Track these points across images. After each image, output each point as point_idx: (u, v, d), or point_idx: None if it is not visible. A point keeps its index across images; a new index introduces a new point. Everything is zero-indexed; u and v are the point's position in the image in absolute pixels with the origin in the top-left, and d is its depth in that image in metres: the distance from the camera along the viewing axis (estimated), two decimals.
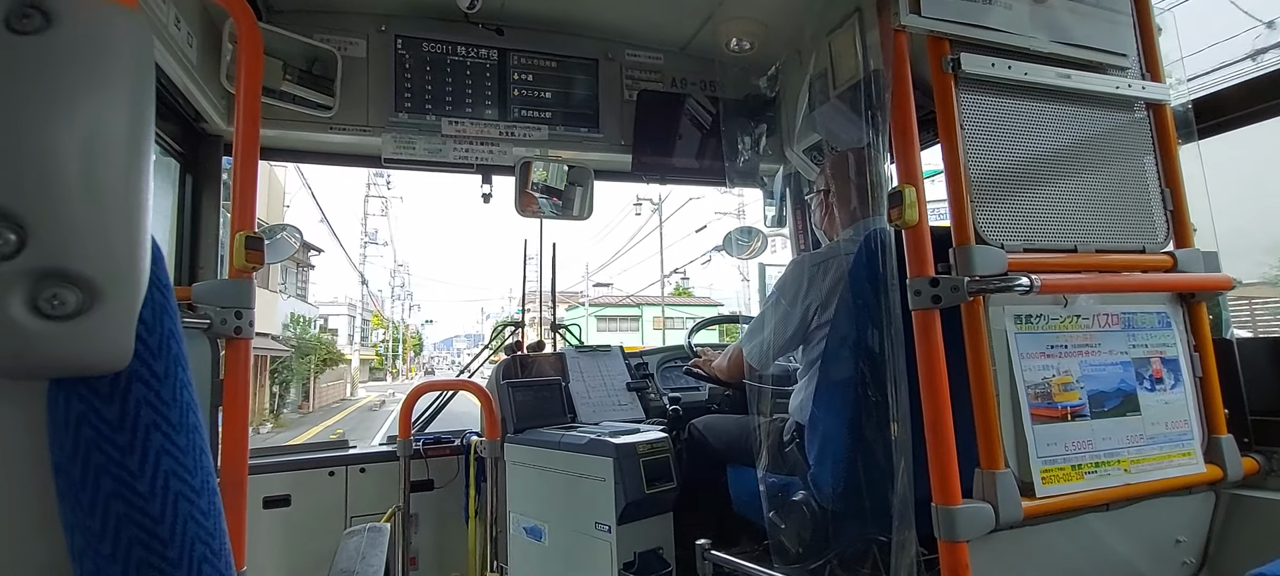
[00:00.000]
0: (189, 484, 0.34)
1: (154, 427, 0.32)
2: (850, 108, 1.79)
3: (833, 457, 1.40)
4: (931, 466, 1.06)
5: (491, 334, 2.56)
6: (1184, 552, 1.32)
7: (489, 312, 55.80)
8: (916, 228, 1.10)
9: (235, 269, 1.11)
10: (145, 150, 0.32)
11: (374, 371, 41.63)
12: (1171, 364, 1.28)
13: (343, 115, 1.98)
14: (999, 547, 1.10)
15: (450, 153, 2.10)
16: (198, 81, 1.63)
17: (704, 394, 2.32)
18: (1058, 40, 1.28)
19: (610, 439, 1.57)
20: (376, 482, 2.06)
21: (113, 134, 0.30)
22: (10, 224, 0.27)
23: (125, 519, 0.31)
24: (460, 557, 2.08)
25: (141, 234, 0.32)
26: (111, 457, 0.31)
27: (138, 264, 0.32)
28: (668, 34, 2.31)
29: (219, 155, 1.91)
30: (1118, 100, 1.34)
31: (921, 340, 1.08)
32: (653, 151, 2.32)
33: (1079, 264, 1.23)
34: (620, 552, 1.50)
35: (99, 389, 0.31)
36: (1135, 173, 1.34)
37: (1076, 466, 1.17)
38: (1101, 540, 1.23)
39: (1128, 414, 1.23)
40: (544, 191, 2.25)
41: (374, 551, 0.65)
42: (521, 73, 2.20)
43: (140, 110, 0.32)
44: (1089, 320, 1.23)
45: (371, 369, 40.95)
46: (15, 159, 0.28)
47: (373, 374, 41.30)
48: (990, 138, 1.21)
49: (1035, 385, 1.17)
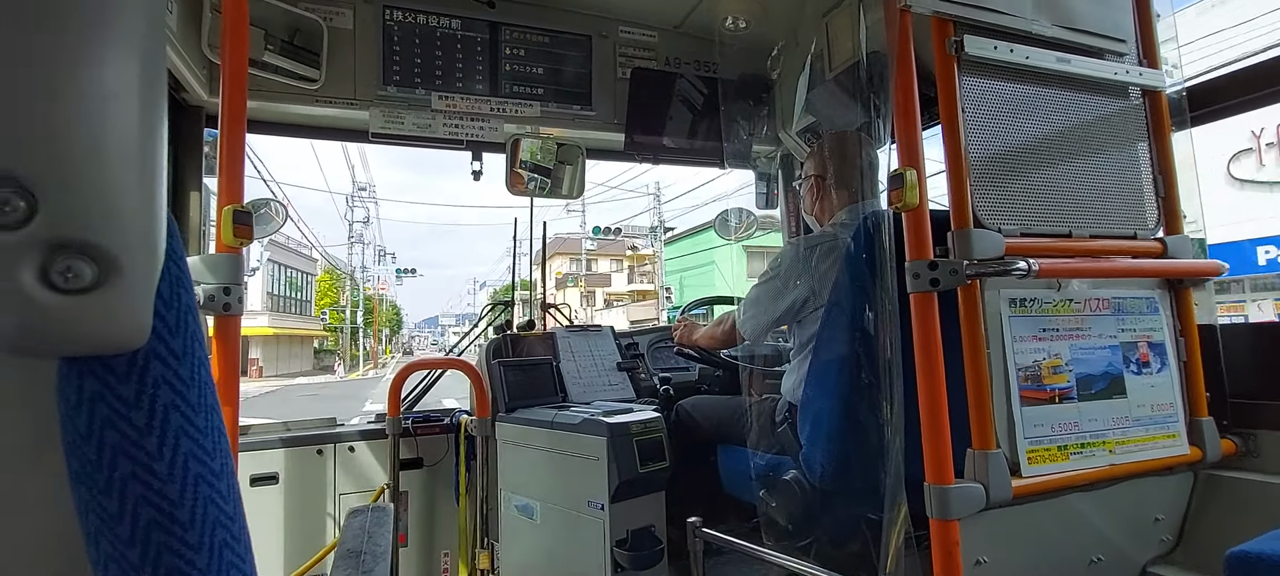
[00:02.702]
0: (208, 466, 0.32)
1: (173, 408, 0.31)
2: (847, 90, 1.79)
3: (825, 437, 1.42)
4: (925, 447, 1.07)
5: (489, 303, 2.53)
6: (1162, 530, 1.36)
7: (484, 281, 45.36)
8: (917, 210, 1.10)
9: (223, 244, 1.09)
10: (160, 113, 0.30)
11: (321, 357, 29.55)
12: (1158, 348, 1.31)
13: (329, 88, 1.93)
14: (987, 525, 1.13)
15: (440, 128, 2.06)
16: (179, 51, 1.57)
17: (694, 374, 2.32)
18: (1060, 24, 1.28)
19: (604, 419, 1.57)
20: (365, 461, 2.04)
21: (126, 92, 0.28)
22: (19, 190, 0.25)
23: (143, 500, 0.30)
24: (449, 535, 2.08)
25: (158, 203, 0.30)
26: (129, 437, 0.30)
27: (155, 234, 0.30)
28: (662, 11, 2.28)
29: (200, 127, 1.85)
30: (1115, 86, 1.35)
31: (918, 323, 1.09)
32: (645, 130, 2.29)
33: (1073, 248, 1.24)
34: (613, 530, 1.51)
35: (115, 367, 0.30)
36: (1129, 159, 1.36)
37: (1062, 447, 1.20)
38: (1084, 518, 1.26)
39: (1114, 396, 1.25)
40: (534, 169, 2.22)
41: (380, 531, 0.65)
42: (513, 48, 2.16)
43: (152, 67, 0.30)
44: (1081, 304, 1.25)
45: (318, 352, 29.88)
46: (22, 121, 0.26)
47: (319, 360, 29.24)
48: (990, 121, 1.21)
49: (1025, 367, 1.18)
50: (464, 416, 2.08)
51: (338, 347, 28.51)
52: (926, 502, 1.08)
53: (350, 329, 28.54)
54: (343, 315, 28.77)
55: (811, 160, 1.80)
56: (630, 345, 2.34)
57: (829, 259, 1.57)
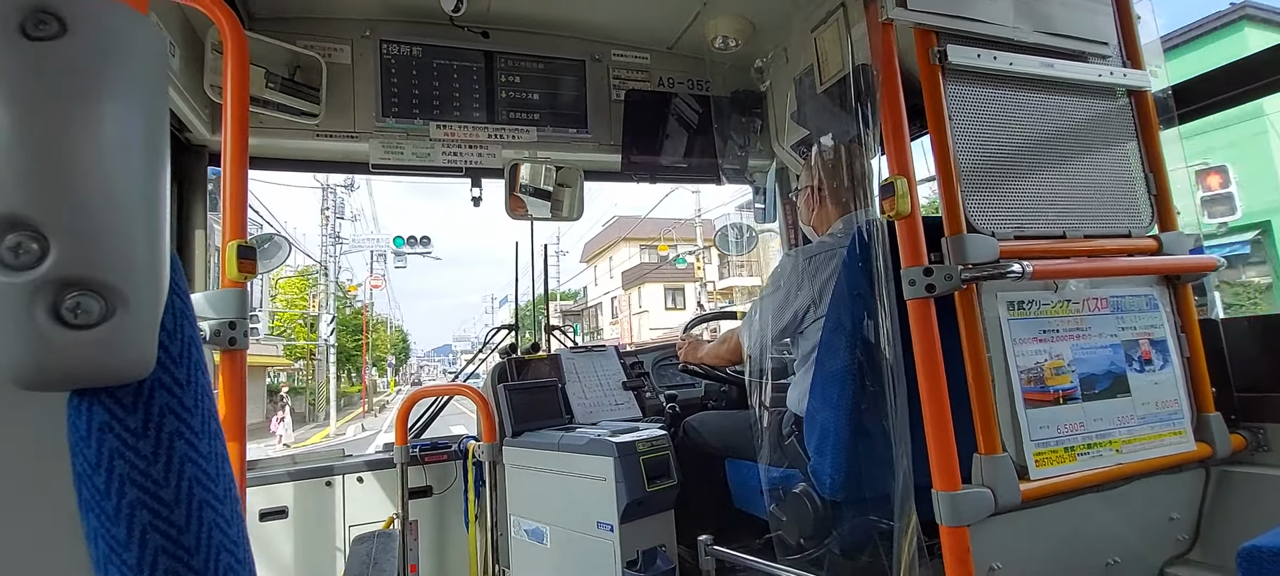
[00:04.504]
0: (212, 492, 0.33)
1: (177, 436, 0.32)
2: (837, 102, 1.81)
3: (832, 448, 1.41)
4: (931, 453, 1.07)
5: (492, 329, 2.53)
6: (1177, 530, 1.35)
7: (504, 297, 33.83)
8: (909, 218, 1.11)
9: (228, 279, 1.10)
10: (162, 156, 0.32)
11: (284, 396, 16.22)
12: (1160, 344, 1.31)
13: (329, 122, 1.97)
14: (998, 530, 1.12)
15: (438, 156, 2.09)
16: (181, 91, 1.61)
17: (700, 391, 2.32)
18: (1041, 30, 1.30)
19: (610, 438, 1.57)
20: (374, 491, 2.04)
21: (130, 140, 0.30)
22: (32, 233, 0.27)
23: (151, 527, 0.31)
24: (461, 563, 2.07)
25: (161, 240, 0.32)
26: (135, 466, 0.31)
27: (159, 270, 0.32)
28: (654, 34, 2.32)
29: (204, 166, 1.89)
30: (1100, 88, 1.37)
31: (917, 329, 1.10)
32: (641, 151, 2.32)
33: (1068, 249, 1.25)
34: (623, 550, 1.51)
35: (122, 398, 0.31)
36: (1119, 159, 1.37)
37: (1069, 448, 1.19)
38: (1096, 520, 1.25)
39: (1118, 395, 1.25)
40: (533, 193, 2.24)
41: (386, 557, 0.65)
42: (508, 75, 2.20)
43: (156, 115, 0.32)
44: (1079, 304, 1.25)
45: (273, 391, 17.18)
46: (34, 167, 0.27)
47: (275, 404, 15.76)
48: (978, 128, 1.22)
49: (1028, 370, 1.18)
50: (471, 442, 2.08)
51: (310, 383, 17.46)
52: (935, 510, 1.07)
53: (332, 352, 16.50)
54: (312, 330, 17.01)
55: (806, 172, 1.82)
56: (635, 364, 2.35)
57: (827, 268, 1.58)
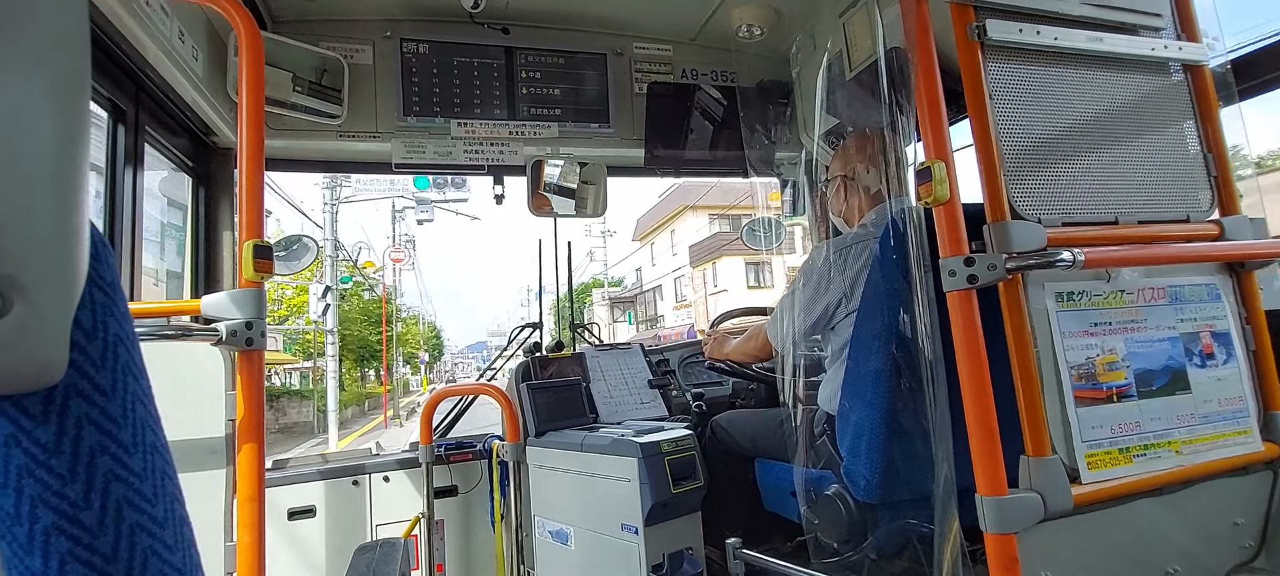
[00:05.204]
0: (148, 514, 0.29)
1: (100, 450, 0.28)
2: (868, 89, 1.74)
3: (867, 449, 1.35)
4: (975, 455, 1.01)
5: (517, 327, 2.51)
6: (1242, 536, 1.26)
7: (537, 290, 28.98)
8: (948, 205, 1.04)
9: (245, 279, 1.09)
10: (79, 123, 0.27)
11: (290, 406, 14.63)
12: (1222, 337, 1.22)
13: (351, 122, 1.97)
14: (1048, 537, 1.05)
15: (460, 154, 2.08)
16: (206, 95, 1.62)
17: (728, 389, 2.27)
18: (1087, 1, 1.22)
19: (634, 438, 1.53)
20: (400, 490, 2.04)
21: (30, 107, 0.24)
22: None
23: (71, 555, 0.27)
24: (488, 563, 2.05)
25: (75, 221, 0.26)
26: (49, 486, 0.27)
27: (70, 257, 0.26)
28: (676, 25, 2.27)
29: (231, 168, 1.90)
30: (1152, 63, 1.28)
31: (957, 323, 1.03)
32: (665, 144, 2.28)
33: (1121, 236, 1.17)
34: (649, 554, 1.47)
35: (28, 407, 0.27)
36: (1175, 138, 1.28)
37: (1124, 449, 1.12)
38: (1155, 526, 1.17)
39: (1177, 392, 1.17)
40: (557, 190, 2.22)
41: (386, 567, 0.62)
42: (529, 71, 2.18)
43: (69, 77, 0.26)
44: (1133, 295, 1.17)
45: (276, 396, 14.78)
46: None
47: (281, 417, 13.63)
48: (1021, 108, 1.15)
49: (1078, 365, 1.11)
50: (496, 442, 2.06)
51: (319, 386, 14.87)
52: (979, 515, 1.01)
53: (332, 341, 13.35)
54: (317, 320, 14.06)
55: (836, 161, 1.75)
56: (661, 361, 2.31)
57: (859, 260, 1.52)
